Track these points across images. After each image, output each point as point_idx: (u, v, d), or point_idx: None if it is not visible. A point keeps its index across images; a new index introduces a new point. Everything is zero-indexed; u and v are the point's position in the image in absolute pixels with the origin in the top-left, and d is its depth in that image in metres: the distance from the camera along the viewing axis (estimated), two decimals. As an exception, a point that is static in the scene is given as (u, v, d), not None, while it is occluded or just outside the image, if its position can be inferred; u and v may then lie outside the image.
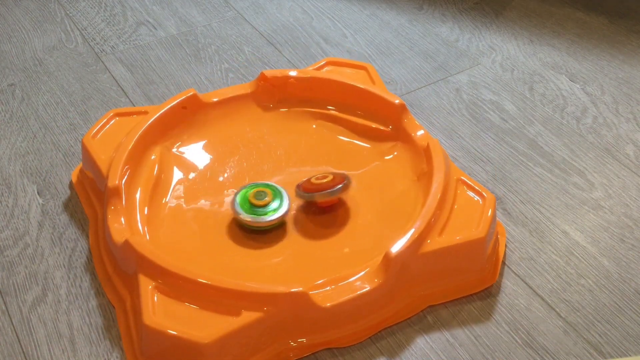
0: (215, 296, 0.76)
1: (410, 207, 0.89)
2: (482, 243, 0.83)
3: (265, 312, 0.75)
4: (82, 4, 1.36)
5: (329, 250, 0.87)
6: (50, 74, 1.19)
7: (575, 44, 1.25)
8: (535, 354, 0.78)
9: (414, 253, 0.80)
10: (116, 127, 0.97)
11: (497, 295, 0.85)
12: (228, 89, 1.05)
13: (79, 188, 0.97)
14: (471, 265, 0.84)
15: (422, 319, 0.82)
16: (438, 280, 0.83)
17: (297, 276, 0.83)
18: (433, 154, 0.91)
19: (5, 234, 0.92)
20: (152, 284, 0.77)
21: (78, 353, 0.79)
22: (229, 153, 0.99)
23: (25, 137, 1.06)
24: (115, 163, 0.89)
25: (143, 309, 0.75)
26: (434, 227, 0.83)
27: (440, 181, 0.87)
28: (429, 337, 0.80)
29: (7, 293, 0.85)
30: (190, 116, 1.00)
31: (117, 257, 0.84)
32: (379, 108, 1.01)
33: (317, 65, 1.08)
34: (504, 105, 1.12)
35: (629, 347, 0.79)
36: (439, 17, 1.32)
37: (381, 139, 1.00)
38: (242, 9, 1.35)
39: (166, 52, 1.24)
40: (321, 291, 0.78)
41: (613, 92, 1.14)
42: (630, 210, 0.94)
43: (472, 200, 0.87)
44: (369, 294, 0.79)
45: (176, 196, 0.93)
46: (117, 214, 0.85)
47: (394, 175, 0.95)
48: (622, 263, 0.88)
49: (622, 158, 1.02)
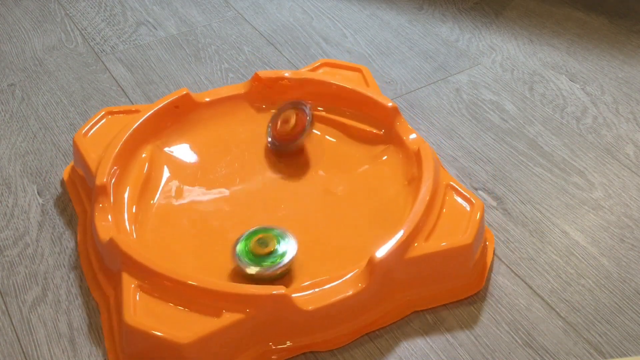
0: (197, 296, 0.76)
1: (400, 212, 0.89)
2: (469, 249, 0.82)
3: (246, 313, 0.75)
4: (82, 4, 1.36)
5: (315, 252, 0.86)
6: (50, 74, 1.19)
7: (575, 44, 1.25)
8: (535, 354, 0.78)
9: (399, 258, 0.80)
10: (108, 126, 0.97)
11: (498, 295, 0.85)
12: (221, 89, 1.05)
13: (69, 185, 0.97)
14: (457, 272, 0.83)
15: (416, 320, 0.82)
16: (423, 286, 0.83)
17: (282, 278, 0.83)
18: (423, 158, 0.90)
19: (5, 234, 0.92)
20: (134, 282, 0.77)
21: (78, 353, 0.79)
22: (220, 153, 0.99)
23: (25, 137, 1.07)
24: (104, 161, 0.89)
25: (124, 307, 0.75)
26: (421, 232, 0.82)
27: (429, 186, 0.86)
28: (429, 337, 0.80)
29: (7, 293, 0.85)
30: (182, 115, 1.00)
31: (102, 254, 0.84)
32: (371, 111, 1.00)
33: (312, 66, 1.08)
34: (504, 105, 1.12)
35: (629, 347, 0.79)
36: (439, 17, 1.32)
37: (373, 142, 1.00)
38: (242, 9, 1.35)
39: (166, 52, 1.24)
40: (304, 294, 0.78)
41: (613, 92, 1.14)
42: (630, 210, 0.94)
43: (460, 206, 0.86)
44: (352, 297, 0.78)
45: (165, 195, 0.93)
46: (104, 212, 0.85)
47: (384, 179, 0.95)
48: (622, 263, 0.88)
49: (622, 158, 1.02)
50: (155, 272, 0.77)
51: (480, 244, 0.85)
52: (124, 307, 0.75)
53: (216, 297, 0.75)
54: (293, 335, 0.78)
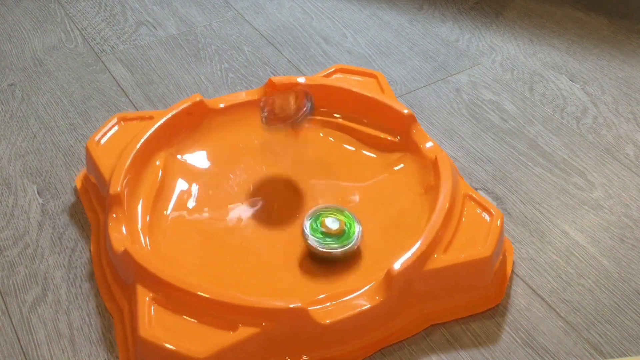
0: (212, 309, 0.74)
1: (416, 221, 0.87)
2: (488, 262, 0.80)
3: (262, 327, 0.73)
4: (82, 4, 1.36)
5: (332, 263, 0.84)
6: (50, 74, 1.19)
7: (575, 44, 1.25)
8: (535, 354, 0.78)
9: (417, 270, 0.78)
10: (121, 132, 0.96)
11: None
12: (235, 95, 1.03)
13: (82, 194, 0.96)
14: (476, 285, 0.82)
15: (434, 333, 0.82)
16: (441, 299, 0.81)
17: (298, 290, 0.81)
18: (441, 167, 0.88)
19: (5, 234, 0.92)
20: (149, 295, 0.76)
21: (78, 353, 0.79)
22: (234, 160, 0.98)
23: (25, 137, 1.07)
24: (118, 170, 0.88)
25: (139, 320, 0.74)
26: (439, 244, 0.80)
27: (447, 196, 0.84)
28: (428, 337, 0.80)
29: (7, 293, 0.85)
30: (195, 122, 0.99)
31: (116, 265, 0.83)
32: (387, 118, 0.98)
33: (326, 72, 1.06)
34: (504, 105, 1.12)
35: (629, 347, 0.79)
36: (439, 17, 1.32)
37: (389, 150, 0.98)
38: (242, 9, 1.35)
39: (166, 52, 1.24)
40: (321, 307, 0.76)
41: (613, 92, 1.14)
42: (630, 210, 0.94)
43: (479, 217, 0.84)
44: (370, 311, 0.76)
45: (179, 204, 0.91)
46: (118, 222, 0.84)
47: (400, 187, 0.93)
48: (622, 263, 0.88)
49: (622, 158, 1.02)
50: (171, 284, 0.75)
51: (499, 255, 0.83)
52: (138, 320, 0.74)
53: (232, 310, 0.74)
54: (310, 349, 0.76)
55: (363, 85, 1.04)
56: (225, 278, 0.83)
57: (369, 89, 1.02)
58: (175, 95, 1.14)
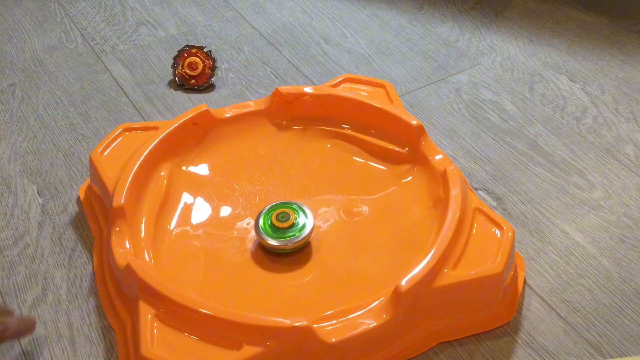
0: (216, 328, 0.72)
1: (425, 236, 0.84)
2: (499, 278, 0.78)
3: (267, 346, 0.71)
4: (82, 4, 1.36)
5: (337, 277, 0.83)
6: (50, 74, 1.19)
7: (575, 44, 1.25)
8: (535, 354, 0.78)
9: (425, 287, 0.75)
10: (125, 143, 0.94)
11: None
12: (241, 105, 1.01)
13: (86, 205, 0.94)
14: (486, 301, 0.79)
15: (444, 351, 0.81)
16: (450, 316, 0.79)
17: (303, 308, 0.80)
18: (450, 180, 0.85)
19: (5, 234, 0.92)
20: (152, 312, 0.74)
21: (78, 353, 0.79)
22: (240, 172, 0.96)
23: (25, 137, 1.07)
24: (122, 182, 0.86)
25: (141, 338, 0.72)
26: (448, 260, 0.77)
27: (456, 211, 0.81)
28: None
29: (7, 293, 0.85)
30: (201, 132, 0.97)
31: (119, 280, 0.81)
32: (396, 129, 0.96)
33: (334, 81, 1.05)
34: (504, 105, 1.12)
35: (629, 347, 0.79)
36: (439, 17, 1.32)
37: (397, 162, 0.96)
38: (242, 9, 1.35)
39: (166, 52, 1.24)
40: (326, 325, 0.74)
41: (613, 92, 1.14)
42: (630, 210, 0.94)
43: (489, 232, 0.81)
44: (377, 329, 0.74)
45: (184, 217, 0.89)
46: (121, 236, 0.82)
47: (409, 200, 0.91)
48: (622, 263, 0.88)
49: (622, 158, 1.02)
50: (174, 301, 0.74)
51: (510, 271, 0.81)
52: (141, 338, 0.72)
53: (236, 328, 0.72)
54: None
55: (371, 95, 1.02)
56: (230, 294, 0.81)
57: (377, 99, 1.00)
58: (175, 95, 1.14)
